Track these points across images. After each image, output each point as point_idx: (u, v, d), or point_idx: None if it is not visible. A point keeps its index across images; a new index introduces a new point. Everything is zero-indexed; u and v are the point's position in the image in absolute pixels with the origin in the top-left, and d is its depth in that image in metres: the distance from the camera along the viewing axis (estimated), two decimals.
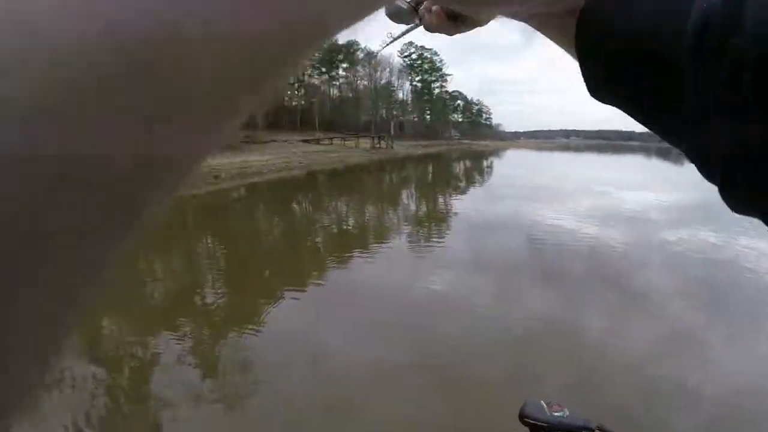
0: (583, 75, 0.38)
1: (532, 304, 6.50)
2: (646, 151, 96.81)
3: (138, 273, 8.21)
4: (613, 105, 0.39)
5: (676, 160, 65.19)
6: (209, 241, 11.10)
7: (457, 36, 0.48)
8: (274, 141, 38.25)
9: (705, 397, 4.04)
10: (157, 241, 10.71)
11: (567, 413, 1.03)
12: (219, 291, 6.94)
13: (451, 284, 7.26)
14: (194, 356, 4.57)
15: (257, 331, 5.12)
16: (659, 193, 19.67)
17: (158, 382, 4.14)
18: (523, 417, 1.04)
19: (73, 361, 4.35)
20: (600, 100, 0.39)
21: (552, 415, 1.02)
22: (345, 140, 47.36)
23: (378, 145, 48.17)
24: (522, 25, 0.41)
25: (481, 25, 0.48)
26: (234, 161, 24.48)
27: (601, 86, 0.38)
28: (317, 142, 43.75)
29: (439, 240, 10.72)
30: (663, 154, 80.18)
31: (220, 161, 23.68)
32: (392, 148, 48.11)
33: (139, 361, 4.56)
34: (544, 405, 1.04)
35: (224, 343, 4.91)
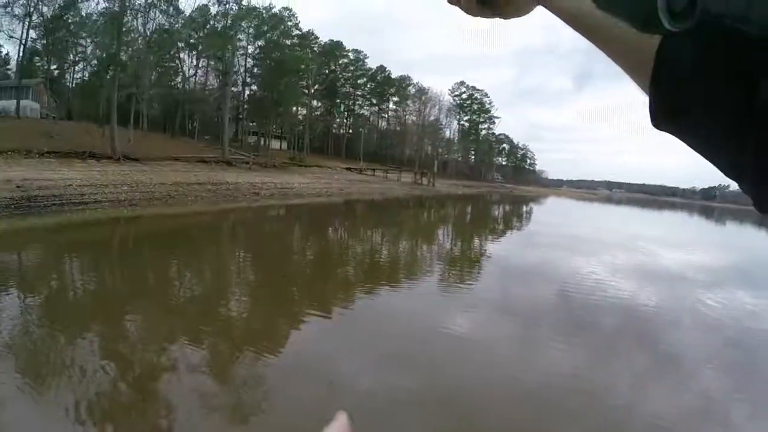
0: (654, 98, 0.37)
1: (550, 354, 6.33)
2: (689, 208, 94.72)
3: (164, 275, 8.34)
4: (676, 133, 0.38)
5: (719, 220, 63.47)
6: (236, 253, 11.21)
7: (508, 78, 0.43)
8: (318, 166, 38.82)
9: None
10: (188, 247, 10.89)
11: None
12: (232, 306, 6.96)
13: (471, 326, 7.11)
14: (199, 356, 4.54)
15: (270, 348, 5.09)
16: (697, 252, 19.12)
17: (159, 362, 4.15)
18: None
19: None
20: (662, 129, 0.38)
21: None
22: (387, 172, 47.67)
23: (420, 181, 48.27)
24: (574, 71, 0.41)
25: (505, 17, 0.49)
26: (275, 181, 24.89)
27: (672, 111, 0.37)
28: (360, 171, 44.18)
29: (469, 283, 10.54)
30: (706, 213, 78.15)
31: (263, 179, 24.12)
32: (434, 185, 48.04)
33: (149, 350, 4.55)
34: None
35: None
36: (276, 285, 8.47)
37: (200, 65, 42.68)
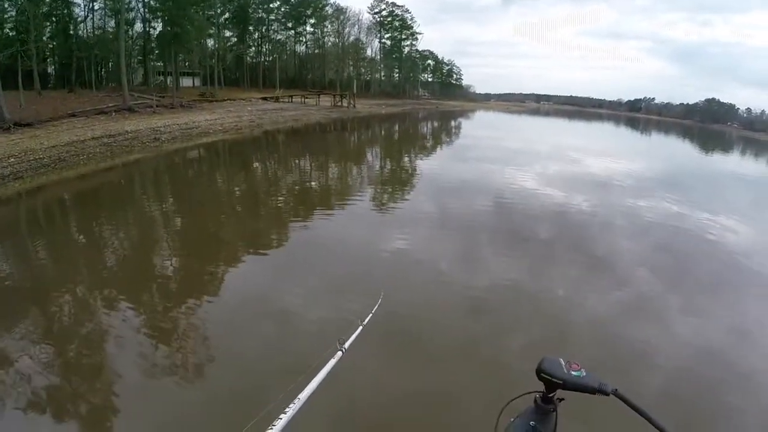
0: None
1: (488, 257, 7.21)
2: (616, 119, 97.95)
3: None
4: None
5: (644, 131, 66.40)
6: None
7: None
8: (231, 100, 37.96)
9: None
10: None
11: (584, 373, 1.04)
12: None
13: (411, 243, 7.90)
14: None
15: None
16: (625, 161, 20.57)
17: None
18: (540, 372, 1.06)
19: None
20: None
21: (569, 373, 1.04)
22: (305, 98, 47.07)
23: (339, 104, 48.01)
24: None
25: None
26: (178, 122, 24.36)
27: None
28: (276, 99, 43.55)
29: (401, 204, 11.51)
30: (632, 124, 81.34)
31: (165, 122, 23.66)
32: (354, 107, 47.93)
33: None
34: (563, 362, 1.06)
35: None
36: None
37: (96, 8, 39.61)
